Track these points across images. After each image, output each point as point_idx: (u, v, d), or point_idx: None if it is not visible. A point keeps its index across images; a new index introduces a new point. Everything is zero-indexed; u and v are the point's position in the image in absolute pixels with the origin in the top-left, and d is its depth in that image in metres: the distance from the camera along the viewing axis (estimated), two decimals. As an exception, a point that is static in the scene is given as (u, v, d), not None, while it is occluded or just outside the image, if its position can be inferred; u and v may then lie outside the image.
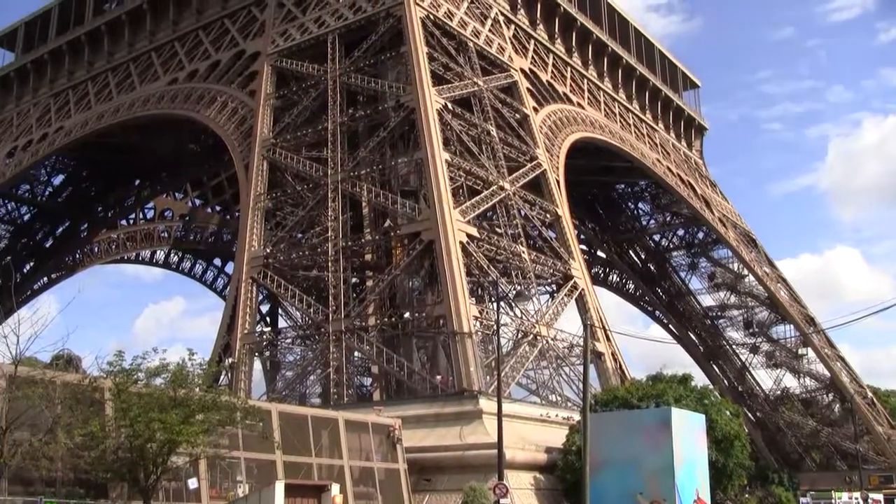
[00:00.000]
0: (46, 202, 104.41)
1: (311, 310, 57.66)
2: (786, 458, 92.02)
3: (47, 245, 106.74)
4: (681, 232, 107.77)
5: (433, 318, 54.35)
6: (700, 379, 67.42)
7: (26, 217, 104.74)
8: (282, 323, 76.13)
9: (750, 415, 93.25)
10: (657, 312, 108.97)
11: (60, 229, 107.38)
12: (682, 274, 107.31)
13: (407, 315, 57.90)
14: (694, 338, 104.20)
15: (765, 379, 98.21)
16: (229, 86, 71.66)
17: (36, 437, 25.21)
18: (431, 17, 65.07)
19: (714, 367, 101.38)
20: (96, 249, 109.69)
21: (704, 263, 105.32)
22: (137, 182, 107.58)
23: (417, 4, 63.99)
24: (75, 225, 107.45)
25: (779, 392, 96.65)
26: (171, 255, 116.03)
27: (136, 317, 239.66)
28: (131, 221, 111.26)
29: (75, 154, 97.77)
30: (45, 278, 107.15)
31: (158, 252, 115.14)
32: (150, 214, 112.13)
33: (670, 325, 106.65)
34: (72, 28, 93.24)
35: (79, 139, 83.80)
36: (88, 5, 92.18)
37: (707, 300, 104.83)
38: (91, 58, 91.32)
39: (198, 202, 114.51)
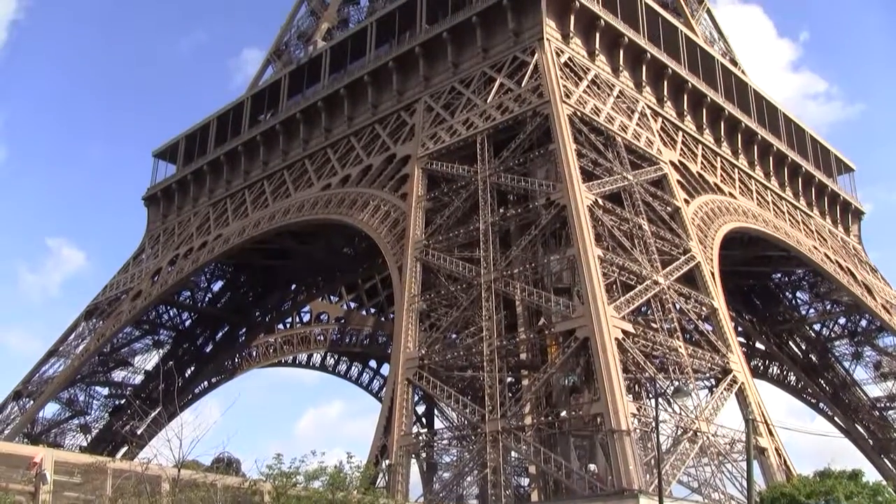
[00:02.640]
0: (206, 308, 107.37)
1: (467, 410, 57.34)
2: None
3: (207, 350, 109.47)
4: (842, 320, 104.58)
5: (590, 416, 53.28)
6: (871, 474, 64.54)
7: (187, 323, 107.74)
8: (438, 424, 76.17)
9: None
10: (821, 405, 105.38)
11: (220, 334, 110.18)
12: (846, 364, 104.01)
13: (563, 413, 57.07)
14: (862, 431, 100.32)
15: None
16: (381, 189, 72.87)
17: (198, 538, 25.50)
18: (578, 113, 65.37)
19: (886, 461, 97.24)
20: (254, 353, 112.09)
21: (869, 352, 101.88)
22: (293, 286, 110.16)
23: (564, 102, 64.39)
24: (234, 330, 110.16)
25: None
26: (328, 357, 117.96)
27: (298, 419, 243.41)
28: (288, 325, 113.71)
29: (233, 260, 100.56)
30: (206, 382, 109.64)
31: (315, 355, 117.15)
32: (306, 318, 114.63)
33: (835, 418, 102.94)
34: (229, 139, 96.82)
35: (236, 246, 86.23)
36: (244, 117, 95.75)
37: (874, 391, 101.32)
38: (247, 167, 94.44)
39: (353, 305, 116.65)
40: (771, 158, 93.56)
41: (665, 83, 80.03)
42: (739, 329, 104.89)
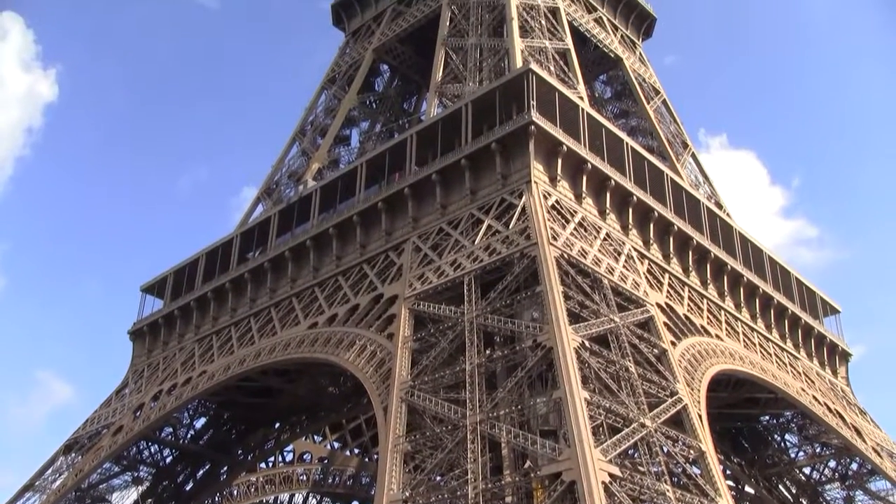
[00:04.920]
0: (188, 445, 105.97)
1: (452, 555, 56.34)
2: None
3: (188, 488, 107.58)
4: (832, 463, 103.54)
5: (577, 563, 52.40)
6: None
7: (168, 459, 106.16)
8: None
9: None
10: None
11: (201, 472, 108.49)
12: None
13: (550, 559, 56.02)
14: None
15: None
16: (368, 329, 72.72)
17: None
18: (566, 255, 65.75)
19: None
20: (235, 492, 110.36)
21: (861, 496, 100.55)
22: (277, 425, 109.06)
23: (551, 244, 64.83)
24: (215, 468, 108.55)
25: None
26: (310, 498, 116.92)
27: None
28: (270, 464, 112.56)
29: (217, 397, 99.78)
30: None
31: (297, 495, 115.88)
32: (289, 457, 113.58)
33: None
34: (217, 276, 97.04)
35: (221, 383, 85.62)
36: (233, 254, 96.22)
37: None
38: (234, 304, 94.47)
39: (336, 445, 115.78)
40: (757, 300, 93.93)
41: (651, 226, 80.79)
42: (728, 472, 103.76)
